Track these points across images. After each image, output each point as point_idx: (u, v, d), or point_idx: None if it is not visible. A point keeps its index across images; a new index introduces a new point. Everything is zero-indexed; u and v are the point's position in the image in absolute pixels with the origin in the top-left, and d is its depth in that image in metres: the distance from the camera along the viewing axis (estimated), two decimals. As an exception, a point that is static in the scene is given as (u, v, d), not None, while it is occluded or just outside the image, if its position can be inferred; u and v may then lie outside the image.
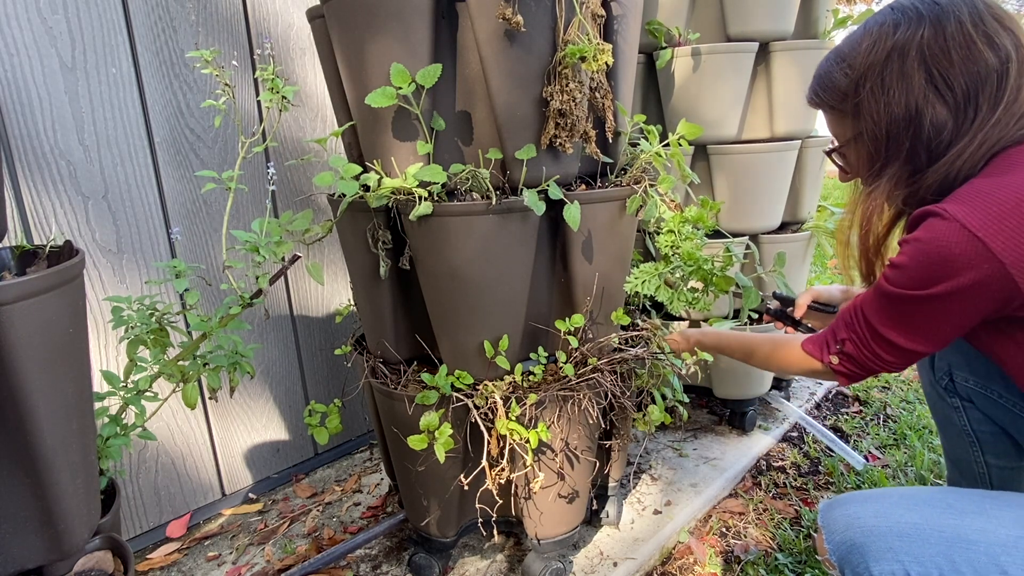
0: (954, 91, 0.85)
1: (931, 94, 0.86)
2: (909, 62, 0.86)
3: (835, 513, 0.92)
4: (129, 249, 1.43)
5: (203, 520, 1.66)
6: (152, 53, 1.42)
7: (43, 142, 1.29)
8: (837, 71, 0.94)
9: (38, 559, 0.79)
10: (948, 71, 0.84)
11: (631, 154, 1.30)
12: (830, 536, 0.90)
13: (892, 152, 0.91)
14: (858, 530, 0.87)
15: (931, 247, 0.82)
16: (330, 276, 1.86)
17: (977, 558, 0.79)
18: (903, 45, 0.86)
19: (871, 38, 0.90)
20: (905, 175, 0.91)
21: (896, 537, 0.84)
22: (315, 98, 1.75)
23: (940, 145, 0.87)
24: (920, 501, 0.88)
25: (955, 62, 0.84)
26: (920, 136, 0.88)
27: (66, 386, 0.76)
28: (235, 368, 1.11)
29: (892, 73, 0.87)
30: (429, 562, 1.33)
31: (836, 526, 0.90)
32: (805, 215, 1.91)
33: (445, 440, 1.11)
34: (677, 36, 1.71)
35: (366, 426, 2.01)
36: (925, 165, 0.89)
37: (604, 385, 1.21)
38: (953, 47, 0.84)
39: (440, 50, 1.07)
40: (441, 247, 1.10)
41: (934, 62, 0.85)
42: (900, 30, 0.87)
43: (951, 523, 0.83)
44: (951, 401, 1.20)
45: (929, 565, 0.81)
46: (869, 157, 0.95)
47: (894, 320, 0.90)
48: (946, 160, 0.87)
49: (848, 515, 0.90)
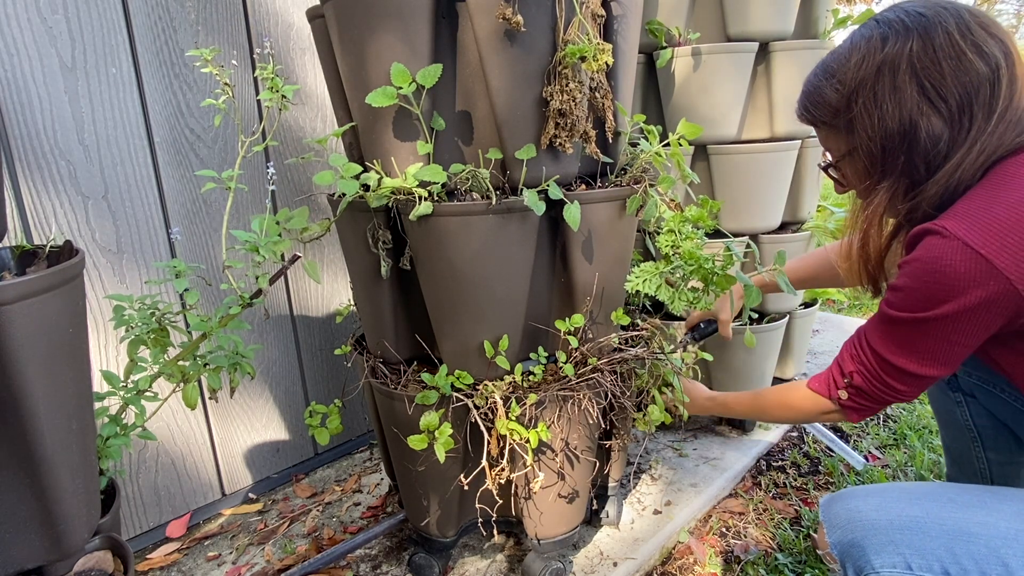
0: (947, 102, 0.85)
1: (925, 106, 0.85)
2: (900, 75, 0.86)
3: (836, 508, 0.92)
4: (129, 249, 1.43)
5: (203, 520, 1.66)
6: (152, 53, 1.42)
7: (43, 142, 1.29)
8: (827, 87, 0.94)
9: (38, 559, 0.79)
10: (940, 82, 0.84)
11: (631, 154, 1.30)
12: (831, 530, 0.90)
13: (888, 165, 0.91)
14: (859, 524, 0.87)
15: (933, 266, 0.81)
16: (330, 276, 1.86)
17: (978, 551, 0.79)
18: (893, 58, 0.86)
19: (859, 53, 0.89)
20: (903, 188, 0.91)
21: (897, 530, 0.84)
22: (315, 97, 1.75)
23: (938, 156, 0.87)
24: (921, 495, 0.88)
25: (946, 73, 0.84)
26: (916, 148, 0.87)
27: (66, 386, 0.76)
28: (235, 368, 1.10)
29: (884, 87, 0.87)
30: (429, 562, 1.33)
31: (837, 520, 0.90)
32: (805, 215, 1.91)
33: (445, 440, 1.11)
34: (677, 36, 1.71)
35: (366, 426, 2.01)
36: (924, 177, 0.88)
37: (604, 385, 1.21)
38: (943, 58, 0.84)
39: (440, 50, 1.07)
40: (441, 247, 1.10)
41: (925, 74, 0.85)
42: (888, 44, 0.87)
43: (952, 516, 0.83)
44: (953, 396, 1.21)
45: (931, 558, 0.81)
46: (865, 171, 0.94)
47: (902, 346, 0.89)
48: (946, 171, 0.86)
49: (849, 509, 0.90)
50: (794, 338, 1.99)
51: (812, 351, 2.48)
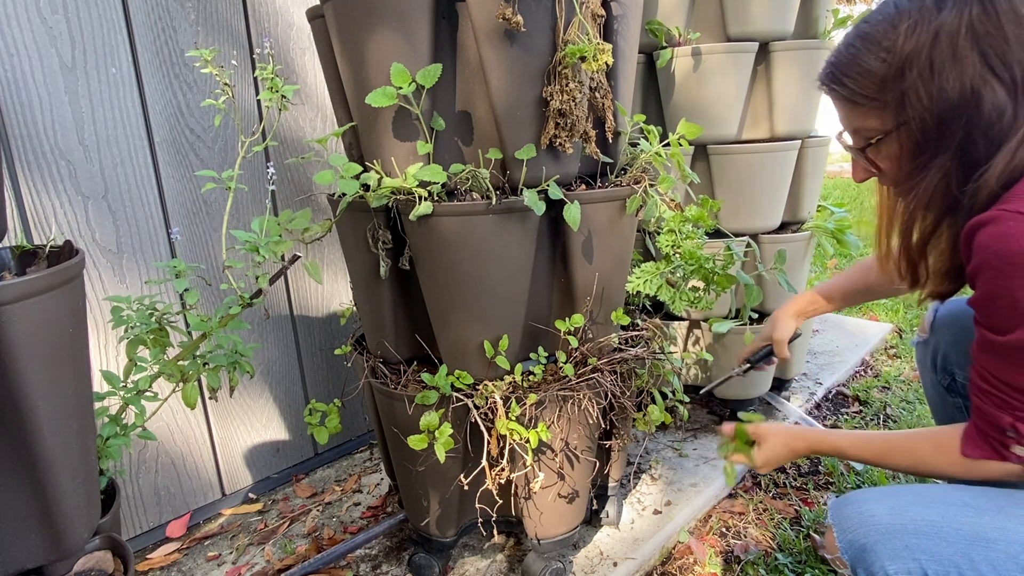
0: (1012, 71, 0.78)
1: (988, 75, 0.78)
2: (961, 42, 0.79)
3: (847, 511, 0.88)
4: (129, 249, 1.43)
5: (203, 520, 1.66)
6: (152, 53, 1.42)
7: (43, 142, 1.29)
8: (870, 57, 0.85)
9: (38, 559, 0.79)
10: (1004, 50, 0.78)
11: (631, 154, 1.30)
12: (842, 534, 0.87)
13: (943, 141, 0.83)
14: (872, 528, 0.84)
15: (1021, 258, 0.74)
16: (330, 276, 1.86)
17: (997, 556, 0.77)
18: (951, 25, 0.79)
19: (910, 19, 0.82)
20: (956, 168, 0.83)
21: (912, 535, 0.81)
22: (315, 97, 1.75)
23: (1001, 131, 0.79)
24: (936, 499, 0.85)
25: (1010, 39, 0.78)
26: (978, 121, 0.80)
27: (66, 386, 0.76)
28: (235, 368, 1.11)
29: (942, 55, 0.79)
30: (429, 562, 1.33)
31: (848, 524, 0.87)
32: (805, 215, 1.91)
33: (445, 440, 1.11)
34: (677, 36, 1.71)
35: (366, 426, 2.01)
36: (984, 156, 0.81)
37: (604, 385, 1.21)
38: (1006, 23, 0.78)
39: (440, 50, 1.07)
40: (441, 247, 1.10)
41: (988, 41, 0.78)
42: (945, 9, 0.80)
43: (969, 521, 0.80)
44: (954, 400, 1.20)
45: (947, 564, 0.78)
46: (914, 149, 0.86)
47: None
48: (1008, 148, 0.79)
49: (861, 513, 0.86)
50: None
51: (812, 351, 2.48)
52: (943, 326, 1.21)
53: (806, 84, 1.74)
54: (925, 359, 1.25)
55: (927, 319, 1.26)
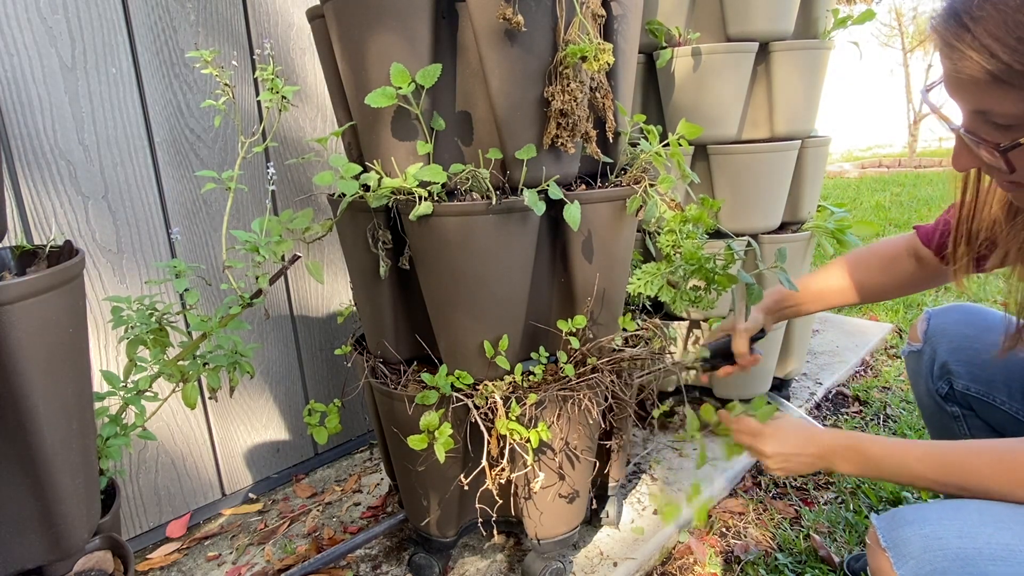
0: None
1: None
2: None
3: (906, 533, 0.77)
4: (129, 249, 1.43)
5: (203, 520, 1.66)
6: (152, 53, 1.42)
7: (43, 142, 1.29)
8: None
9: (38, 559, 0.79)
10: None
11: (631, 154, 1.30)
12: (902, 561, 0.76)
13: None
14: (941, 554, 0.73)
15: None
16: (330, 276, 1.86)
17: None
18: None
19: None
20: None
21: (990, 561, 0.71)
22: (316, 98, 1.75)
23: None
24: (1005, 517, 0.75)
25: None
26: None
27: (66, 386, 0.76)
28: (235, 368, 1.10)
29: None
30: (429, 562, 1.33)
31: (910, 550, 0.76)
32: (805, 215, 1.91)
33: (445, 440, 1.10)
34: (677, 36, 1.71)
35: (366, 426, 2.01)
36: None
37: (604, 385, 1.21)
38: None
39: (440, 50, 1.07)
40: (441, 247, 1.10)
41: None
42: None
43: None
44: (950, 410, 1.18)
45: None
46: None
47: None
48: None
49: (926, 535, 0.76)
50: (794, 338, 1.99)
51: (812, 351, 2.48)
52: (939, 334, 1.19)
53: (806, 84, 1.74)
54: (919, 368, 1.23)
55: (919, 328, 1.24)
